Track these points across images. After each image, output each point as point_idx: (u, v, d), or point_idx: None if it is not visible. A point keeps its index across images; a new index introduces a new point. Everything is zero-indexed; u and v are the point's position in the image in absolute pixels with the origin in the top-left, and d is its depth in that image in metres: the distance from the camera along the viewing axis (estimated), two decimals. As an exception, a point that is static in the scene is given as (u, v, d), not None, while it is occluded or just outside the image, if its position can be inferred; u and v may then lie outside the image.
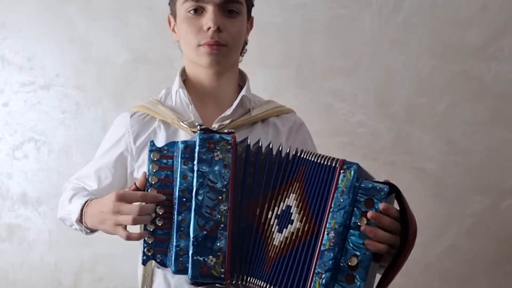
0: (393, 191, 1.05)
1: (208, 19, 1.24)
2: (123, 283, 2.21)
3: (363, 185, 1.03)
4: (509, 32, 2.05)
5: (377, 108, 2.12)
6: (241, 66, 1.41)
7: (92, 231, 1.28)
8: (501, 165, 2.09)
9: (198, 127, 1.11)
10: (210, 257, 1.07)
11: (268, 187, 1.11)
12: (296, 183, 1.10)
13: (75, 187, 1.40)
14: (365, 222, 1.01)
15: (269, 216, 1.10)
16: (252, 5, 1.37)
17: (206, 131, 1.10)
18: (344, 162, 1.06)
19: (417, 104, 2.11)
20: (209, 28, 1.24)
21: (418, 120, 2.11)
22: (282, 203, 1.10)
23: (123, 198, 1.10)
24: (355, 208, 1.03)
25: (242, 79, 1.41)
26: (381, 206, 1.01)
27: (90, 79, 2.18)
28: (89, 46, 2.18)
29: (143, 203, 1.10)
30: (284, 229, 1.09)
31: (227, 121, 1.30)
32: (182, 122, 1.28)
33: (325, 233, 1.04)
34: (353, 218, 1.03)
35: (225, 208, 1.08)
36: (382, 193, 1.02)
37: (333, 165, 1.06)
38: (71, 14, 2.16)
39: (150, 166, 1.12)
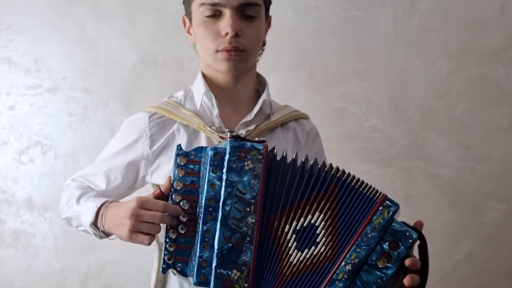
0: (420, 239, 1.06)
1: (225, 24, 1.23)
2: (129, 290, 2.23)
3: (393, 225, 1.04)
4: (528, 35, 2.08)
5: (392, 112, 2.12)
6: (253, 68, 1.41)
7: (107, 235, 1.25)
8: (520, 172, 2.11)
9: (229, 133, 1.09)
10: (234, 271, 1.05)
11: (288, 199, 1.09)
12: (326, 203, 1.08)
13: (81, 185, 1.37)
14: (385, 263, 1.02)
15: (286, 230, 1.08)
16: (270, 3, 1.36)
17: (237, 139, 1.08)
18: (385, 198, 1.06)
19: (433, 109, 2.11)
20: (226, 34, 1.23)
21: (434, 125, 2.12)
22: (303, 219, 1.08)
23: (145, 205, 1.09)
24: (377, 245, 1.04)
25: (259, 83, 1.42)
26: (407, 262, 1.02)
27: (97, 82, 2.18)
28: (97, 48, 2.18)
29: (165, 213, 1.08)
30: (306, 249, 1.07)
31: (252, 127, 1.30)
32: (210, 127, 1.28)
33: (342, 263, 1.05)
34: (372, 255, 1.04)
35: (252, 220, 1.06)
36: (410, 240, 1.03)
37: (374, 198, 1.06)
38: (79, 15, 2.16)
39: (176, 171, 1.10)
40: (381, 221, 1.04)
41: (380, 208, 1.05)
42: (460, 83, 2.10)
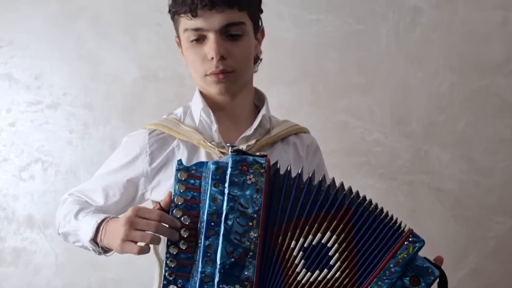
0: (441, 277, 1.06)
1: (209, 49, 1.24)
2: (131, 308, 2.22)
3: (416, 261, 1.04)
4: (529, 47, 2.09)
5: (394, 126, 2.13)
6: (253, 83, 1.42)
7: (105, 251, 1.24)
8: (524, 185, 2.11)
9: (230, 148, 1.09)
10: (237, 286, 1.04)
11: (293, 214, 1.08)
12: (338, 224, 1.07)
13: (78, 200, 1.37)
14: None
15: (292, 246, 1.07)
16: (258, 16, 1.35)
17: (238, 153, 1.08)
18: (411, 232, 1.06)
19: (436, 122, 2.12)
20: (213, 58, 1.24)
21: (437, 138, 2.12)
22: (311, 236, 1.07)
23: (140, 213, 1.08)
24: (398, 280, 1.03)
25: (258, 98, 1.43)
26: None
27: (98, 98, 2.19)
28: (98, 64, 2.19)
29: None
30: (318, 271, 1.06)
31: (253, 141, 1.31)
32: (210, 142, 1.28)
33: None
34: None
35: (255, 235, 1.05)
36: (432, 277, 1.04)
37: (399, 231, 1.06)
38: (80, 30, 2.18)
39: (177, 186, 1.10)
40: (405, 256, 1.04)
41: (405, 242, 1.05)
42: (462, 95, 2.11)
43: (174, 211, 1.09)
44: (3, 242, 2.24)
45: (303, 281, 1.06)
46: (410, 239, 1.05)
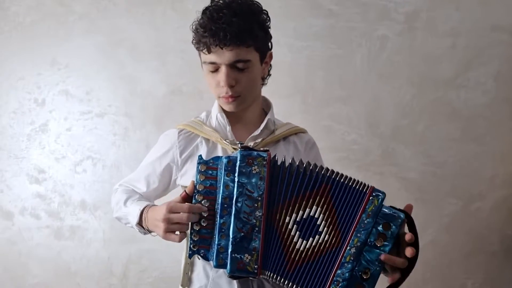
0: (407, 218, 1.04)
1: (221, 78, 1.22)
2: (163, 272, 2.23)
3: (383, 210, 1.03)
4: (474, 66, 2.07)
5: (367, 128, 2.12)
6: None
7: (150, 231, 1.25)
8: (471, 174, 2.10)
9: (239, 145, 1.10)
10: (246, 255, 1.04)
11: (287, 195, 1.08)
12: (320, 198, 1.06)
13: (126, 189, 1.37)
14: (382, 242, 1.01)
15: (287, 221, 1.07)
16: (265, 47, 1.29)
17: (245, 149, 1.08)
18: (373, 189, 1.04)
19: (401, 125, 2.12)
20: (223, 86, 1.22)
21: (402, 138, 2.12)
22: (301, 211, 1.07)
23: (173, 209, 1.09)
24: (373, 228, 1.02)
25: (266, 105, 1.42)
26: (407, 237, 1.00)
27: (136, 108, 2.21)
28: (135, 82, 2.20)
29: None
30: (311, 238, 1.06)
31: (259, 140, 1.30)
32: (225, 140, 1.28)
33: (347, 248, 1.03)
34: (370, 237, 1.02)
35: (259, 214, 1.05)
36: (399, 220, 1.02)
37: (364, 190, 1.05)
38: (121, 56, 2.20)
39: (198, 176, 1.09)
40: (373, 208, 1.03)
41: (370, 198, 1.03)
42: (421, 105, 2.10)
43: (196, 196, 1.09)
44: (62, 221, 2.26)
45: (301, 248, 1.06)
46: (373, 194, 1.04)
